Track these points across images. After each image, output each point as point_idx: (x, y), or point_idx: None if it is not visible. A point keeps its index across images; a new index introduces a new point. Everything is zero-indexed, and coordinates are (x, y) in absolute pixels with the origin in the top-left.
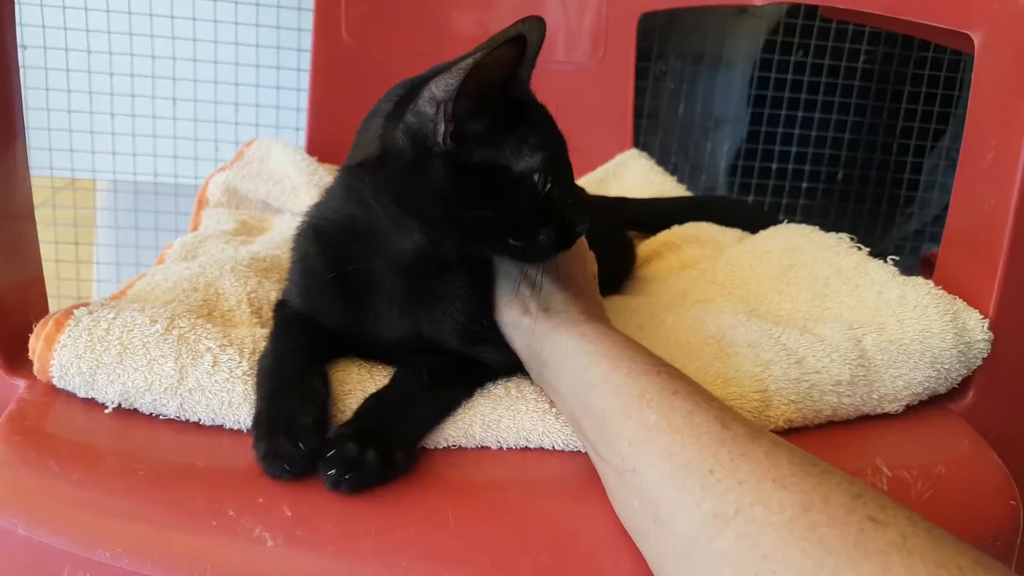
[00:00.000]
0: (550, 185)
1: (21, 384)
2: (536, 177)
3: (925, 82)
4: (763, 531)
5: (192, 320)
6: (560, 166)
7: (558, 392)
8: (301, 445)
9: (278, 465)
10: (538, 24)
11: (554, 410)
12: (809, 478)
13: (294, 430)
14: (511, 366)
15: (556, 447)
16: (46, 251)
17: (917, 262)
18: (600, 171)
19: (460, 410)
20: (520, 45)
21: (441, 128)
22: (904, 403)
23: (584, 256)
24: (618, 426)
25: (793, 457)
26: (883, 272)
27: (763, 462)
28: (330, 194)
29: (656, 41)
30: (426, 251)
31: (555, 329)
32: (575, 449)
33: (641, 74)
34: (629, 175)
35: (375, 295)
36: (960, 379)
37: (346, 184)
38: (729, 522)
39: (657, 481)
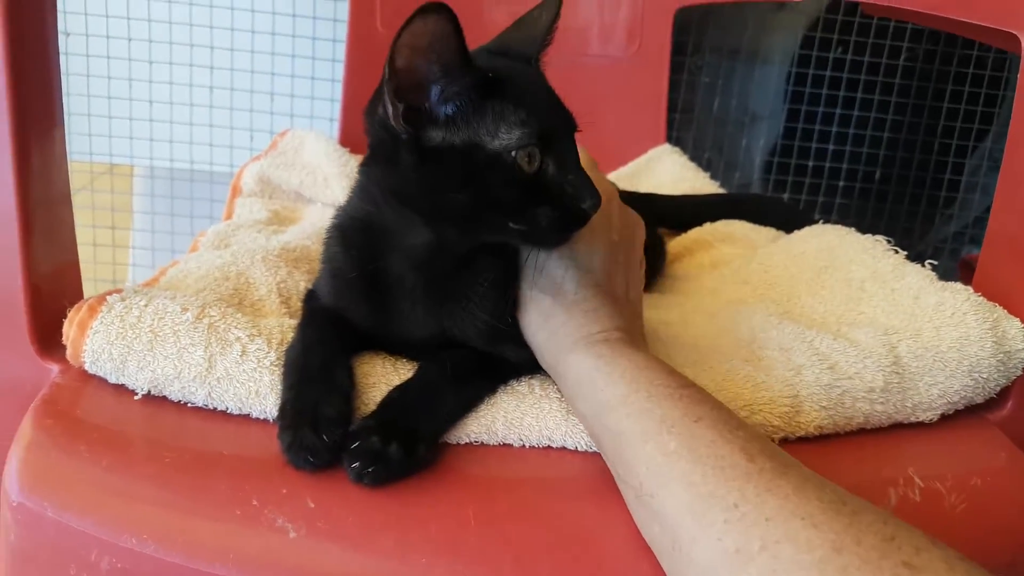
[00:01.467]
0: (540, 162)
1: (54, 368)
2: (515, 153)
3: (968, 81)
4: (790, 571)
5: (222, 309)
6: (556, 142)
7: (576, 409)
8: (325, 437)
9: (302, 456)
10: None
11: None
12: (840, 517)
13: (318, 422)
14: (535, 363)
15: (579, 448)
16: (84, 235)
17: (956, 265)
18: (632, 166)
19: (483, 406)
20: (442, 15)
21: (391, 110)
22: (939, 412)
23: (628, 254)
24: (636, 450)
25: (823, 494)
26: (920, 277)
27: (791, 498)
28: (352, 193)
29: (692, 35)
30: (435, 245)
31: (574, 347)
32: (598, 451)
33: (675, 68)
34: (661, 170)
35: (399, 294)
36: (999, 389)
37: (359, 182)
38: (753, 558)
39: (676, 510)
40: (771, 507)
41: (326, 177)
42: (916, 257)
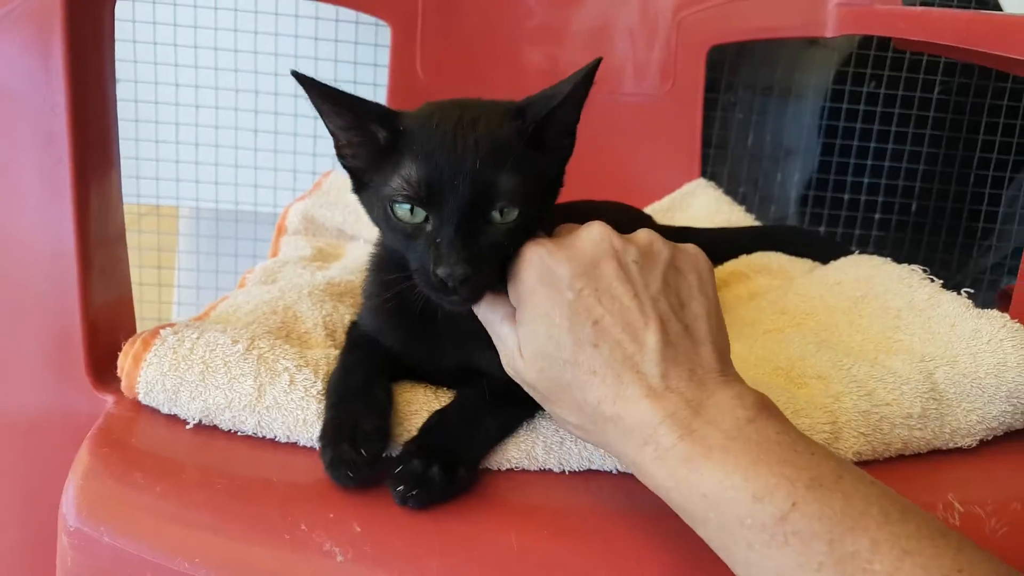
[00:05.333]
0: (424, 217)
1: (109, 400)
2: (393, 205)
3: (1004, 113)
4: None
5: (271, 341)
6: (443, 204)
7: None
8: (363, 452)
9: (342, 471)
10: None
11: None
12: None
13: (356, 437)
14: None
15: (620, 470)
16: (130, 274)
17: (995, 296)
18: (667, 200)
19: (522, 432)
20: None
21: (334, 143)
22: (978, 438)
23: (667, 278)
24: None
25: None
26: (956, 305)
27: None
28: None
29: (725, 73)
30: None
31: (651, 446)
32: None
33: (710, 105)
34: (697, 204)
35: (426, 324)
36: None
37: None
38: None
39: None
40: None
41: None
42: (955, 288)
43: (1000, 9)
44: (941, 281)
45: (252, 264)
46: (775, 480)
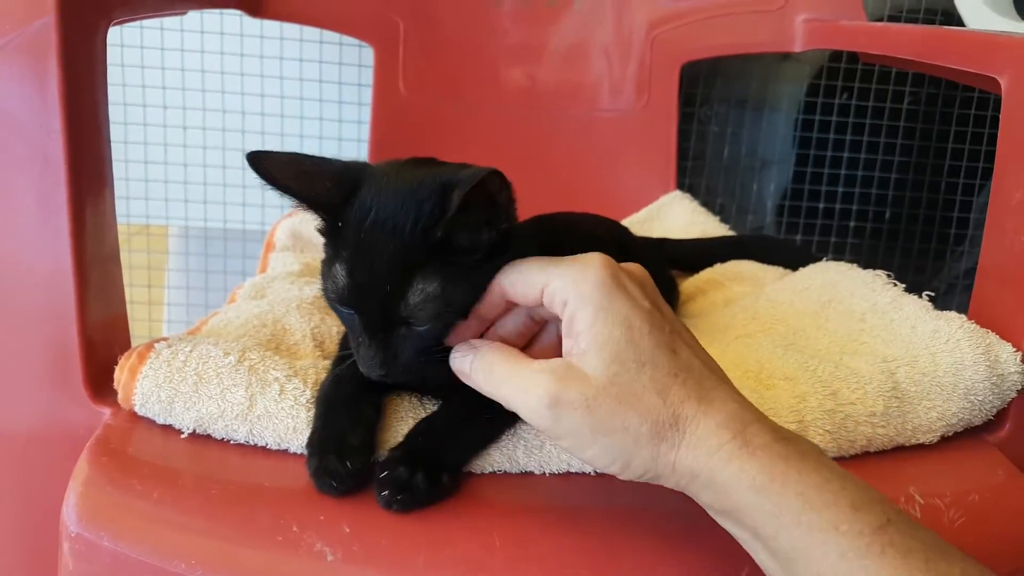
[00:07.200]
0: (347, 309)
1: (106, 412)
2: (326, 296)
3: (971, 121)
4: None
5: (261, 352)
6: (360, 305)
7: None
8: (348, 464)
9: (326, 481)
10: None
11: None
12: None
13: (343, 450)
14: None
15: (598, 471)
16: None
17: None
18: (644, 212)
19: (504, 437)
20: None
21: None
22: (938, 434)
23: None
24: None
25: None
26: (917, 307)
27: None
28: None
29: (700, 87)
30: None
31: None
32: None
33: (686, 119)
34: (673, 215)
35: None
36: (995, 411)
37: None
38: None
39: None
40: None
41: None
42: (933, 291)
43: (963, 25)
44: (904, 285)
45: (241, 281)
46: (868, 496)
